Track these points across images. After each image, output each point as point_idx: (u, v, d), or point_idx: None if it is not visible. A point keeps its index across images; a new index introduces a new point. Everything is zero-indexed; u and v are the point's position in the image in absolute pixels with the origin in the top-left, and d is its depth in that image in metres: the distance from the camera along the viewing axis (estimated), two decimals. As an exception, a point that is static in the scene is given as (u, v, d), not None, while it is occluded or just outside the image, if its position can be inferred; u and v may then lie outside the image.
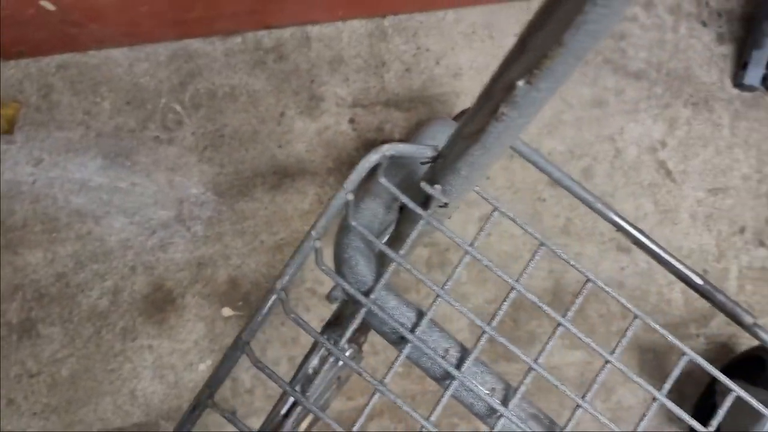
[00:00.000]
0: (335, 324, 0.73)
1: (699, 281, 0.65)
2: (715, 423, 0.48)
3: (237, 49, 0.99)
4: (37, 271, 0.93)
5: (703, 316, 1.00)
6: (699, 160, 1.03)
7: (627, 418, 0.97)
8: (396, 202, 0.47)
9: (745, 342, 1.00)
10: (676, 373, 0.47)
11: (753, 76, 1.03)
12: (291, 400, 0.74)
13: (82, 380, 0.91)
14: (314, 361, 0.72)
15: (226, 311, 0.94)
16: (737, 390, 0.48)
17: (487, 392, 0.42)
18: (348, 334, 0.44)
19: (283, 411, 0.72)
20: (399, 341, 0.43)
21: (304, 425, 0.75)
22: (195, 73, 0.98)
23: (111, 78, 0.97)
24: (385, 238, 0.48)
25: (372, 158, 0.41)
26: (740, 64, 1.05)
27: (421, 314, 0.43)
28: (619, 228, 0.64)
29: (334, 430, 0.42)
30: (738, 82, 1.04)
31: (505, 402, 0.42)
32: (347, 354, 0.67)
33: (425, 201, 0.44)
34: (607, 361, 0.45)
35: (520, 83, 0.32)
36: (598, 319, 0.98)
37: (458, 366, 0.42)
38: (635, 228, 0.66)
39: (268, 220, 0.96)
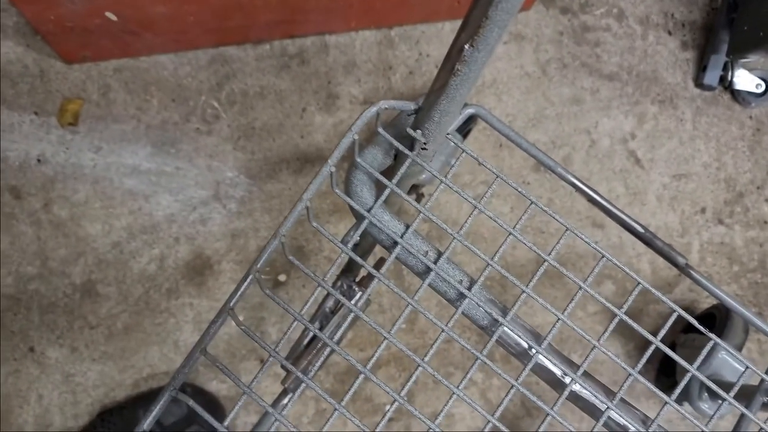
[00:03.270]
0: (348, 270, 0.89)
1: (640, 229, 0.80)
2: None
3: (266, 54, 1.16)
4: (96, 240, 1.10)
5: (668, 284, 1.15)
6: (665, 150, 1.19)
7: (601, 371, 1.12)
8: (392, 149, 0.63)
9: (705, 305, 1.15)
10: (632, 296, 0.60)
11: (711, 77, 1.19)
12: (310, 334, 0.90)
13: (134, 332, 1.08)
14: (330, 303, 0.89)
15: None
16: (678, 310, 0.60)
17: (457, 282, 0.58)
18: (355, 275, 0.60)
19: (304, 343, 0.89)
20: (392, 245, 0.59)
21: (321, 357, 0.91)
22: (230, 75, 1.15)
23: (159, 79, 1.15)
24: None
25: (372, 109, 0.58)
26: (701, 67, 1.20)
27: (407, 227, 0.59)
28: (575, 186, 0.80)
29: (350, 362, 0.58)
30: (699, 83, 1.20)
31: (469, 288, 0.58)
32: (357, 297, 0.82)
33: (411, 146, 0.61)
34: (580, 287, 0.59)
35: (466, 47, 0.48)
36: (575, 285, 1.13)
37: (435, 262, 0.58)
38: (589, 187, 0.81)
39: (291, 198, 1.13)
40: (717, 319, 1.03)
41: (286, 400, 0.79)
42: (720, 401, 0.94)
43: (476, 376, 1.10)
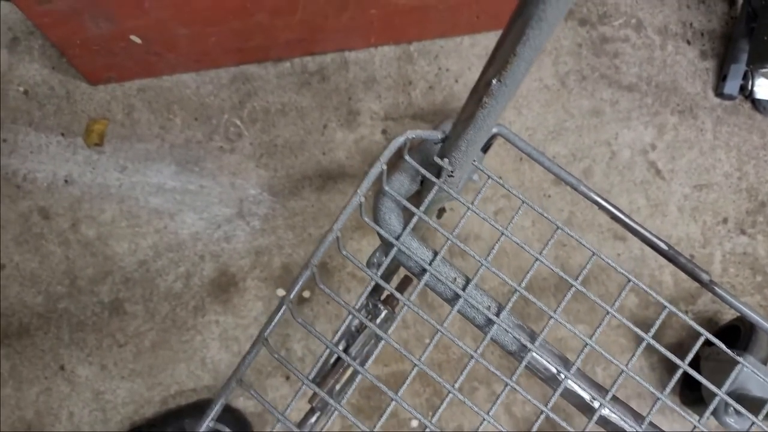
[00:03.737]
0: (374, 289, 0.90)
1: (664, 246, 0.80)
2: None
3: (286, 72, 1.17)
4: (123, 259, 1.11)
5: (690, 295, 1.15)
6: (685, 160, 1.19)
7: (626, 384, 1.12)
8: (418, 175, 0.64)
9: (728, 316, 1.14)
10: (659, 320, 0.62)
11: (732, 86, 1.19)
12: (336, 356, 0.91)
13: (161, 350, 1.09)
14: (356, 321, 0.90)
15: (280, 292, 1.11)
16: (705, 333, 0.62)
17: (485, 308, 0.59)
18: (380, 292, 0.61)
19: (332, 361, 0.90)
20: (421, 272, 0.60)
21: (346, 375, 0.92)
22: (252, 93, 1.17)
23: (182, 98, 1.16)
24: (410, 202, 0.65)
25: (399, 139, 0.58)
26: (721, 77, 1.20)
27: (435, 254, 0.60)
28: (598, 205, 0.80)
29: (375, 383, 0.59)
30: (719, 92, 1.20)
31: (497, 314, 0.59)
32: (382, 316, 0.83)
33: (438, 173, 0.62)
34: (607, 312, 0.60)
35: (494, 81, 0.49)
36: (599, 298, 1.13)
37: (463, 289, 0.59)
38: (612, 205, 0.81)
39: (314, 215, 1.14)
40: (741, 331, 1.03)
41: (313, 419, 0.81)
42: (746, 417, 0.94)
43: (499, 389, 1.10)
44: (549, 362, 0.59)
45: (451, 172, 0.59)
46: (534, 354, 0.59)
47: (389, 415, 1.09)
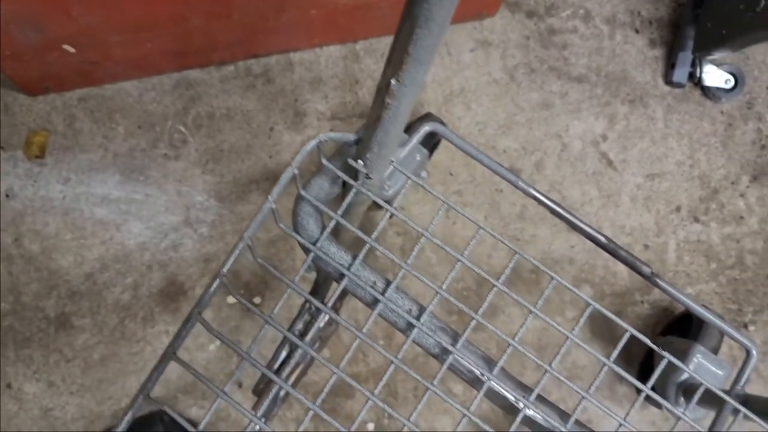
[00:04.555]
0: (316, 292, 0.88)
1: (604, 240, 0.79)
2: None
3: (230, 76, 1.16)
4: (69, 272, 1.09)
5: (645, 285, 1.14)
6: (637, 150, 1.18)
7: (582, 376, 1.11)
8: (339, 178, 0.63)
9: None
10: (583, 318, 0.61)
11: (680, 74, 1.18)
12: (280, 359, 0.90)
13: (111, 363, 1.07)
14: (299, 326, 0.88)
15: (230, 299, 1.10)
16: (630, 329, 0.61)
17: (405, 311, 0.57)
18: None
19: (275, 367, 0.88)
20: (339, 277, 0.58)
21: (294, 375, 0.91)
22: (195, 98, 1.15)
23: (124, 106, 1.14)
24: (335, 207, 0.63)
25: (311, 143, 0.57)
26: (669, 65, 1.20)
27: (355, 257, 0.59)
28: (537, 200, 0.79)
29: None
30: (668, 80, 1.19)
31: (418, 318, 0.57)
32: (325, 318, 0.82)
33: (356, 175, 0.60)
34: (531, 311, 0.59)
35: (393, 81, 0.47)
36: (553, 291, 1.12)
37: (383, 293, 0.58)
38: (550, 199, 0.80)
39: (262, 219, 1.12)
40: (693, 320, 1.03)
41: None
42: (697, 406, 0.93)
43: (456, 389, 1.09)
44: (471, 364, 0.58)
45: (367, 174, 0.58)
46: (456, 356, 0.57)
47: (344, 418, 1.08)
